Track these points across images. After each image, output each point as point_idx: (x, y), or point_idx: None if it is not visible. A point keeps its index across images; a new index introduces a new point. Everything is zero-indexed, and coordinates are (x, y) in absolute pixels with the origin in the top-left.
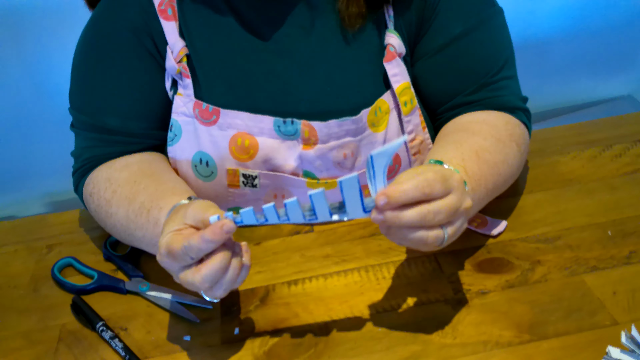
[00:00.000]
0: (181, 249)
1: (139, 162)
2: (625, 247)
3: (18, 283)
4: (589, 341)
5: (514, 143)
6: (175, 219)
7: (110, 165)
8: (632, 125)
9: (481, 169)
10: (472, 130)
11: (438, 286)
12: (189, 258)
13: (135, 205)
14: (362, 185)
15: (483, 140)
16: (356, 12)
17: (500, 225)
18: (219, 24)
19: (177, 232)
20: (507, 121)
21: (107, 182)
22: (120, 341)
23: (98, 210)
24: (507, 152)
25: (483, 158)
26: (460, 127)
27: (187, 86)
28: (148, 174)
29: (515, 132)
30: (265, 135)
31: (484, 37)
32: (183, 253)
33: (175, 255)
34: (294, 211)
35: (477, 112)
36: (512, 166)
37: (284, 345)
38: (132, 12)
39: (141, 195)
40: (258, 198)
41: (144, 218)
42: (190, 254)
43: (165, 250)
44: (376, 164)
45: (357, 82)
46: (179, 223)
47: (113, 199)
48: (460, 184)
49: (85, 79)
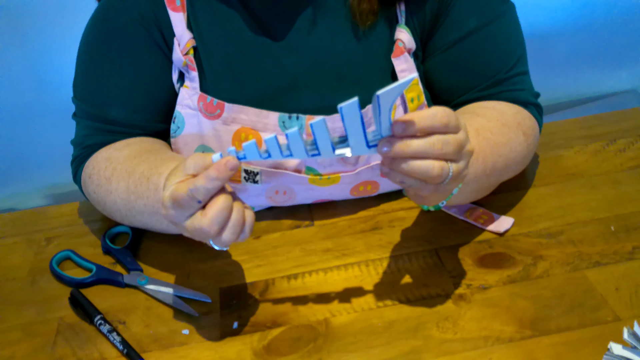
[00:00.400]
0: (187, 193)
1: (139, 141)
2: (628, 242)
3: (16, 275)
4: (591, 337)
5: (521, 131)
6: (176, 173)
7: (109, 147)
8: (636, 119)
9: (480, 144)
10: (476, 113)
11: (439, 281)
12: (195, 202)
13: (135, 176)
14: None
15: (487, 121)
16: (368, 8)
17: (507, 222)
18: (227, 17)
19: (180, 182)
20: (517, 111)
21: (107, 161)
22: (118, 335)
23: (97, 191)
24: (512, 136)
25: (483, 135)
26: (466, 110)
27: (194, 79)
28: (149, 150)
29: (524, 122)
30: (269, 130)
31: (498, 32)
32: (189, 198)
33: (181, 202)
34: (296, 144)
35: (488, 101)
36: (516, 152)
37: (283, 339)
38: (140, 2)
39: (141, 166)
40: (259, 194)
41: (144, 186)
42: (198, 196)
43: (170, 201)
44: (382, 102)
45: (365, 78)
46: (179, 176)
47: (113, 175)
48: (466, 128)
49: (90, 68)
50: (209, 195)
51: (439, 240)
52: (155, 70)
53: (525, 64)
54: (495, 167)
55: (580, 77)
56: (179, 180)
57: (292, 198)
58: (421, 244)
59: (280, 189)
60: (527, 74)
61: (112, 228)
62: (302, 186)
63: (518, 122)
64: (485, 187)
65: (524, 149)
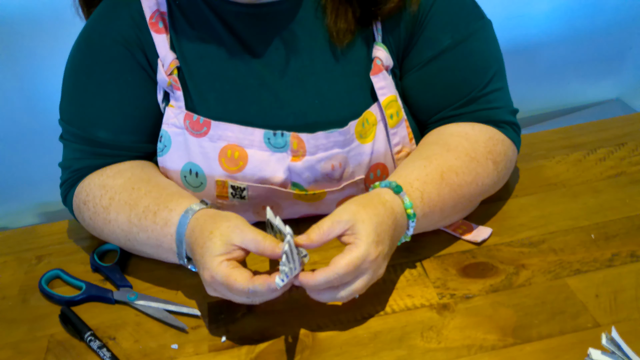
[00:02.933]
0: (246, 289)
1: (130, 168)
2: (608, 249)
3: (7, 294)
4: (571, 343)
5: (491, 162)
6: (215, 241)
7: (101, 173)
8: (616, 128)
9: (441, 194)
10: (448, 146)
11: (423, 291)
12: (246, 297)
13: (138, 210)
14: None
15: (455, 159)
16: (345, 28)
17: (484, 232)
18: (209, 37)
19: (229, 260)
20: (490, 137)
21: (102, 189)
22: (108, 350)
23: (94, 218)
24: (479, 171)
25: (447, 180)
26: (439, 139)
27: (179, 98)
28: (145, 179)
29: (495, 149)
30: (255, 147)
31: (472, 49)
32: (245, 292)
33: (235, 290)
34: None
35: (462, 124)
36: (484, 185)
37: (270, 352)
38: (124, 25)
39: (144, 200)
40: (246, 210)
41: (149, 220)
42: (252, 297)
43: (224, 282)
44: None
45: (345, 95)
46: (222, 247)
47: (111, 205)
48: (377, 258)
49: (75, 91)
50: (263, 300)
51: (423, 251)
52: (139, 91)
53: (501, 80)
54: (456, 207)
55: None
56: (224, 252)
57: (279, 213)
58: (405, 255)
59: (267, 204)
60: (505, 90)
61: (100, 246)
62: (288, 202)
63: (489, 150)
64: (438, 225)
65: (493, 178)
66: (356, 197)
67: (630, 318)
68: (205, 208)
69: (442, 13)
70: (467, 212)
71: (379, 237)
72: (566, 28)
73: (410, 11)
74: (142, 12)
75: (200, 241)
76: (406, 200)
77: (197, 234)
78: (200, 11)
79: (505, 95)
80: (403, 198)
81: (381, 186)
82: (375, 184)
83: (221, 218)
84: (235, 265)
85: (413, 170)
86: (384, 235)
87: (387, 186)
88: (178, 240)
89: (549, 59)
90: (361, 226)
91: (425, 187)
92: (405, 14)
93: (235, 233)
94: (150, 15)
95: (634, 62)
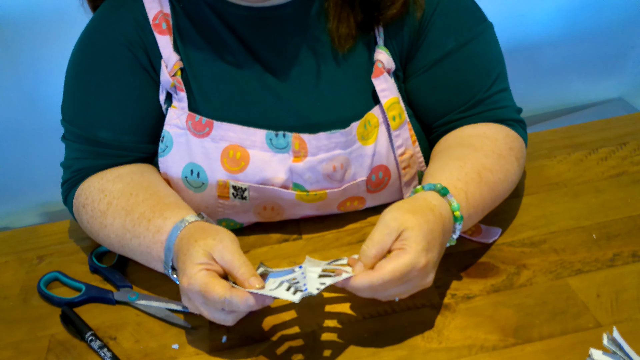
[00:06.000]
0: (221, 299)
1: (130, 173)
2: (609, 249)
3: (8, 294)
4: (573, 344)
5: (514, 157)
6: (198, 250)
7: (101, 177)
8: (618, 128)
9: (482, 194)
10: (474, 146)
11: (424, 291)
12: (221, 306)
13: (133, 216)
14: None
15: (485, 157)
16: (346, 32)
17: (494, 232)
18: (213, 40)
19: (209, 270)
20: (506, 134)
21: (101, 193)
22: (108, 350)
23: (91, 222)
24: (508, 168)
25: (485, 179)
26: (462, 141)
27: (182, 99)
28: (144, 186)
29: (514, 145)
30: (257, 148)
31: (476, 52)
32: (220, 302)
33: (211, 299)
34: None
35: (476, 125)
36: (511, 182)
37: (271, 352)
38: (126, 26)
39: (140, 206)
40: (247, 210)
41: (142, 227)
42: (227, 307)
43: (200, 289)
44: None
45: (347, 97)
46: (204, 257)
47: (108, 210)
48: (425, 266)
49: (78, 92)
50: (239, 315)
51: None
52: (141, 92)
53: (504, 81)
54: (493, 205)
55: (568, 87)
56: (204, 262)
57: (280, 214)
58: None
59: (268, 205)
60: (508, 90)
61: (99, 247)
62: (289, 202)
63: (510, 147)
64: (475, 222)
65: (517, 176)
66: (400, 203)
67: (632, 318)
68: (200, 220)
69: (445, 16)
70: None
71: (429, 245)
72: (568, 27)
73: (414, 17)
74: (145, 13)
75: (184, 249)
76: (454, 202)
77: (184, 243)
78: (204, 14)
79: (509, 95)
80: (450, 200)
81: (425, 189)
82: (417, 187)
83: (211, 231)
84: (215, 275)
85: (452, 171)
86: (435, 243)
87: (431, 189)
88: (167, 248)
89: (551, 59)
90: (411, 233)
91: (468, 188)
92: (409, 19)
93: (217, 248)
94: (154, 17)
95: (636, 62)
